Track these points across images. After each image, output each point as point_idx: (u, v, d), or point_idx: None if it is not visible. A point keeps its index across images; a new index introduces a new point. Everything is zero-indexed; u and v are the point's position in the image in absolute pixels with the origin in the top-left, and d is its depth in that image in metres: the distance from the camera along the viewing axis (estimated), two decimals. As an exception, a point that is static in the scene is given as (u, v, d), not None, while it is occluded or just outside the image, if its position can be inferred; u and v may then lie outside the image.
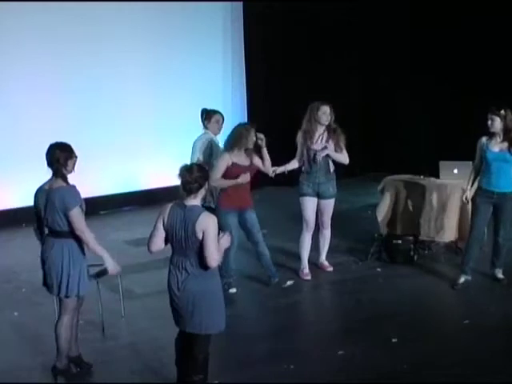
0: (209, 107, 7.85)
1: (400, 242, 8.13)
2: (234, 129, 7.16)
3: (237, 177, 6.98)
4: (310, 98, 7.61)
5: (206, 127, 7.71)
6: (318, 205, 7.63)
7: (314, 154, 7.45)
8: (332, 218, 7.73)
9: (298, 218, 7.78)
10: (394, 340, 6.02)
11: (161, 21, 11.32)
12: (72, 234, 5.33)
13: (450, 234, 8.37)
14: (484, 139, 7.23)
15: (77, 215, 5.27)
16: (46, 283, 5.49)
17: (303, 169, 7.61)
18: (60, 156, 5.48)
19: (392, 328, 6.28)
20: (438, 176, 8.58)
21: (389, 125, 12.33)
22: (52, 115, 10.41)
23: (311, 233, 7.71)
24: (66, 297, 5.41)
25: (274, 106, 11.96)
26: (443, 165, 8.56)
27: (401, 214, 8.48)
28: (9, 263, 8.67)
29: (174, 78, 11.42)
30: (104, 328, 6.43)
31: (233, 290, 7.25)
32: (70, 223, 5.28)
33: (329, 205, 7.64)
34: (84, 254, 5.46)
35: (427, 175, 8.70)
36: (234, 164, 6.98)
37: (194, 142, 7.66)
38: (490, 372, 5.43)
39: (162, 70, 11.37)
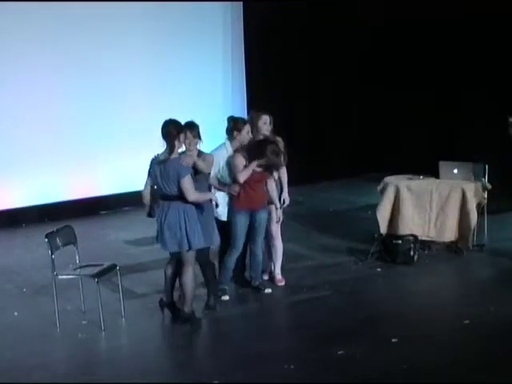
0: (209, 106, 7.82)
1: (400, 242, 8.12)
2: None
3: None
4: (310, 97, 7.70)
5: None
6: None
7: None
8: (332, 218, 7.72)
9: (297, 218, 7.77)
10: (393, 340, 6.01)
11: (161, 21, 11.31)
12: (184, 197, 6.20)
13: (450, 234, 8.38)
14: None
15: (187, 182, 6.13)
16: (163, 241, 6.32)
17: None
18: (172, 130, 6.25)
19: (392, 328, 6.28)
20: (437, 176, 8.58)
21: (389, 125, 12.33)
22: (52, 116, 10.42)
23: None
24: (189, 250, 6.26)
25: (274, 106, 11.94)
26: (443, 165, 8.57)
27: (401, 214, 8.46)
28: (9, 263, 8.67)
29: (173, 77, 11.41)
30: (104, 328, 6.42)
31: (225, 298, 7.07)
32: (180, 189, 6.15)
33: (273, 210, 7.33)
34: (201, 212, 6.33)
35: (427, 175, 8.71)
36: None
37: None
38: (490, 372, 5.43)
39: (162, 69, 11.36)
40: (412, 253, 8.06)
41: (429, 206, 8.39)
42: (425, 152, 11.06)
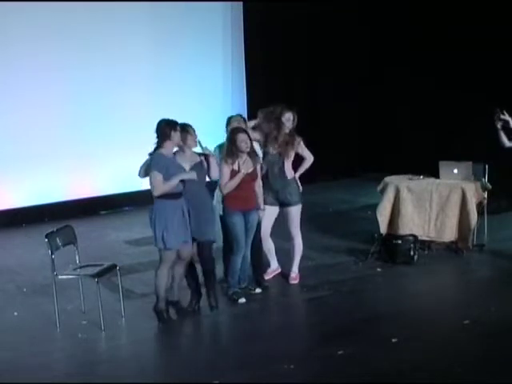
0: (209, 106, 7.81)
1: (400, 242, 8.13)
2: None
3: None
4: (309, 97, 7.68)
5: None
6: (281, 213, 7.43)
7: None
8: (332, 218, 7.71)
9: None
10: (393, 340, 6.01)
11: (161, 20, 11.33)
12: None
13: (449, 234, 8.39)
14: None
15: (152, 176, 6.22)
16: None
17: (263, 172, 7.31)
18: (165, 128, 6.31)
19: (392, 328, 6.27)
20: (438, 176, 8.59)
21: (389, 125, 12.33)
22: (52, 116, 10.43)
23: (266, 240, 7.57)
24: (159, 248, 6.36)
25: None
26: (443, 165, 8.57)
27: (401, 214, 8.47)
28: (9, 263, 8.68)
29: (173, 77, 11.43)
30: (104, 328, 6.42)
31: (242, 300, 6.99)
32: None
33: (291, 212, 7.36)
34: (174, 212, 6.29)
35: (427, 175, 8.71)
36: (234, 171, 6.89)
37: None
38: (490, 372, 5.43)
39: (162, 69, 11.38)
40: (412, 253, 8.07)
41: (429, 205, 8.40)
42: (425, 152, 11.07)
